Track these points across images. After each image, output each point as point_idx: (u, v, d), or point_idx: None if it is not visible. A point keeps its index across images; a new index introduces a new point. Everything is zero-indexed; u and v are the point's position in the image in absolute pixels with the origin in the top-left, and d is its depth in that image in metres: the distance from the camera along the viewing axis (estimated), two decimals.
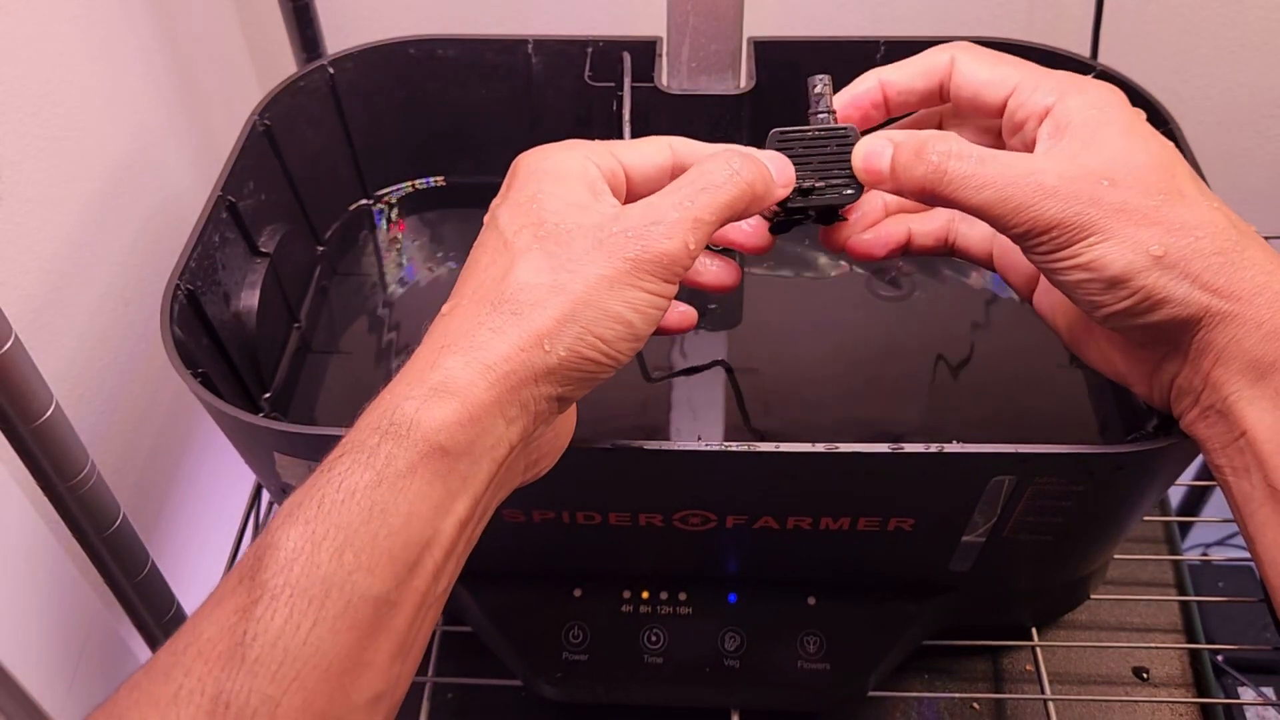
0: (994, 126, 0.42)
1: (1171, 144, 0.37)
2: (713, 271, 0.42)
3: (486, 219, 0.38)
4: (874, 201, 0.44)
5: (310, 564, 0.29)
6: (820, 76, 0.41)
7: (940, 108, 0.44)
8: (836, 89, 0.42)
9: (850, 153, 0.40)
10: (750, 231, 0.42)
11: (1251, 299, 0.34)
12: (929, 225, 0.44)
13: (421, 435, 0.31)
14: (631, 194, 0.39)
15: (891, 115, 0.43)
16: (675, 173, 0.40)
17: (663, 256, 0.34)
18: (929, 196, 0.38)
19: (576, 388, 0.35)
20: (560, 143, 0.39)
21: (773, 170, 0.38)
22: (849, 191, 0.40)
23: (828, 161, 0.40)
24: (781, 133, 0.40)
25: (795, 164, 0.40)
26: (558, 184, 0.37)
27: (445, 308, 0.36)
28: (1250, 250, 0.35)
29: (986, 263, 0.44)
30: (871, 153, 0.39)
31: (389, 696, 0.31)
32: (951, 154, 0.37)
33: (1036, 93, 0.39)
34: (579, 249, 0.34)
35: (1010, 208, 0.36)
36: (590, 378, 0.35)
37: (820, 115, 0.41)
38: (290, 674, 0.28)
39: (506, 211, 0.37)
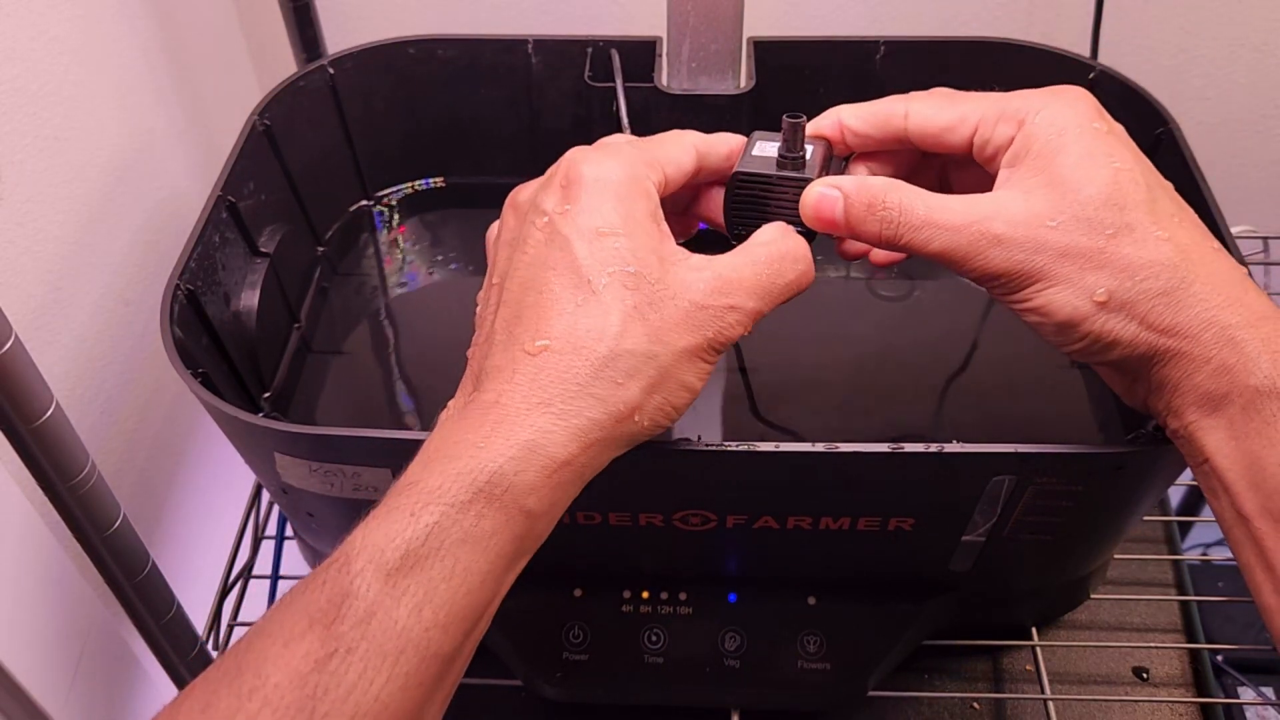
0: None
1: (1131, 160, 0.37)
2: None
3: (541, 224, 0.37)
4: None
5: (388, 619, 0.29)
6: (796, 117, 0.40)
7: None
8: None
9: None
10: None
11: (1198, 336, 0.34)
12: None
13: (513, 499, 0.32)
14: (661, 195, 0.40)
15: (852, 153, 0.43)
16: (694, 174, 0.41)
17: (730, 339, 0.36)
18: (884, 246, 0.38)
19: (632, 446, 0.36)
20: (612, 148, 0.39)
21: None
22: (806, 237, 0.41)
23: (784, 206, 0.40)
24: (742, 175, 0.40)
25: (753, 206, 0.41)
26: (633, 221, 0.36)
27: (528, 341, 0.35)
28: (1195, 286, 0.35)
29: None
30: (822, 202, 0.39)
31: None
32: (902, 207, 0.37)
33: (999, 125, 0.39)
34: (669, 318, 0.35)
35: (960, 256, 0.36)
36: (648, 437, 0.36)
37: (789, 158, 0.40)
38: None
39: (583, 242, 0.36)
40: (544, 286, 0.36)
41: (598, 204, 0.36)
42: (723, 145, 0.42)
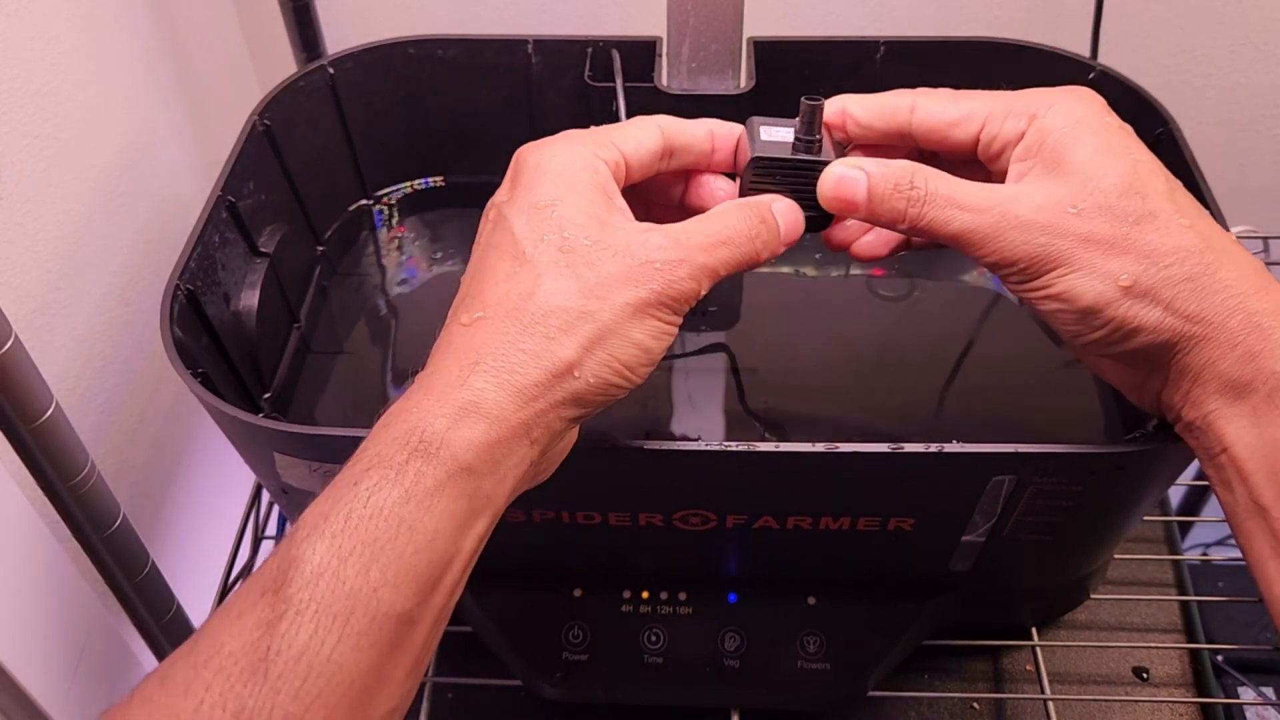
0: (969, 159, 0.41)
1: (1147, 155, 0.37)
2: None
3: (491, 215, 0.38)
4: None
5: (336, 579, 0.29)
6: (815, 100, 0.40)
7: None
8: (836, 89, 0.42)
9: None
10: None
11: (1223, 323, 0.34)
12: None
13: (450, 455, 0.32)
14: (628, 179, 0.40)
15: (849, 144, 0.43)
16: (665, 154, 0.41)
17: (682, 295, 0.35)
18: (901, 228, 0.38)
19: (594, 409, 0.36)
20: (561, 135, 0.39)
21: (782, 229, 0.39)
22: (820, 221, 0.40)
23: (802, 189, 0.40)
24: (761, 160, 0.40)
25: (771, 189, 0.40)
26: (573, 191, 0.37)
27: (465, 316, 0.35)
28: (1221, 272, 0.35)
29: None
30: (843, 183, 0.38)
31: (400, 710, 0.32)
32: (927, 188, 0.37)
33: (1008, 120, 0.39)
34: (607, 274, 0.35)
35: (979, 239, 0.36)
36: (609, 400, 0.36)
37: (806, 140, 0.40)
38: (313, 691, 0.28)
39: (521, 216, 0.36)
40: (485, 266, 0.36)
41: (538, 182, 0.37)
42: (699, 128, 0.41)
